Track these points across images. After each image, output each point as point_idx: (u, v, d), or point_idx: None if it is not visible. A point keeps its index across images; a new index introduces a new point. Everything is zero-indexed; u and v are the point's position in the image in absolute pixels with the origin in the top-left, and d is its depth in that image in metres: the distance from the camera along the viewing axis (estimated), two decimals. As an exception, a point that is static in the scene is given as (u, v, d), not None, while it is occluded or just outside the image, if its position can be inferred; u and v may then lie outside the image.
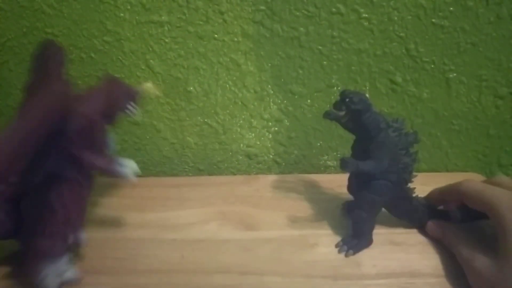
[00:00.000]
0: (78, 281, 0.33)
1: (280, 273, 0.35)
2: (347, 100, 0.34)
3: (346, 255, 0.37)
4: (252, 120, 0.51)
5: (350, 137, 0.52)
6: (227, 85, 0.49)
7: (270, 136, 0.52)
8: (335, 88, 0.49)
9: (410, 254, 0.37)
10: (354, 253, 0.37)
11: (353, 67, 0.48)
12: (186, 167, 0.55)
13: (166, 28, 0.46)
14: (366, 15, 0.45)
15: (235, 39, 0.47)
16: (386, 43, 0.46)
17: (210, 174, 0.55)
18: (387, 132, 0.35)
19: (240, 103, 0.50)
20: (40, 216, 0.32)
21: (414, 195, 0.38)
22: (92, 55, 0.48)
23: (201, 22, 0.46)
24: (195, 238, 0.39)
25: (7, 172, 0.27)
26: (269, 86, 0.49)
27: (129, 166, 0.33)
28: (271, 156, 0.54)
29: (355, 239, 0.38)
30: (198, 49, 0.47)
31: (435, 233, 0.38)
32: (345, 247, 0.37)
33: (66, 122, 0.31)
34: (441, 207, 0.40)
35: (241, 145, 0.53)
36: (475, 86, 0.48)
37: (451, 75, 0.48)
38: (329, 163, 0.54)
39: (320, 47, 0.47)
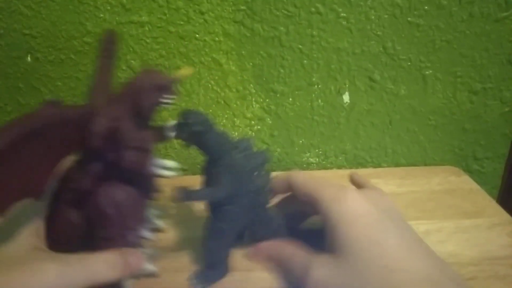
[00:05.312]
0: (155, 275, 0.34)
1: (268, 268, 0.35)
2: (189, 121, 0.31)
3: None
4: (235, 119, 0.52)
5: (332, 135, 0.53)
6: (209, 85, 0.50)
7: (253, 134, 0.53)
8: (316, 86, 0.50)
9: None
10: (208, 286, 0.33)
11: (332, 66, 0.49)
12: (170, 167, 0.55)
13: (146, 28, 0.46)
14: (344, 15, 0.46)
15: (216, 38, 0.47)
16: (364, 41, 0.47)
17: (194, 174, 0.55)
18: (232, 153, 0.32)
19: (222, 102, 0.51)
20: (97, 221, 0.32)
21: (273, 216, 0.36)
22: (72, 56, 0.48)
23: (182, 22, 0.46)
24: (182, 237, 0.40)
25: None
26: (251, 85, 0.50)
27: (165, 166, 0.32)
28: (254, 154, 0.54)
29: (207, 270, 0.34)
30: (179, 49, 0.47)
31: (261, 257, 0.34)
32: (195, 281, 0.34)
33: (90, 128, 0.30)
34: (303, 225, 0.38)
35: (224, 144, 0.53)
36: (450, 82, 0.50)
37: (427, 72, 0.49)
38: (311, 160, 0.55)
39: (300, 46, 0.48)
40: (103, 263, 0.29)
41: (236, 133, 0.52)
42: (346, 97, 0.50)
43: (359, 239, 0.27)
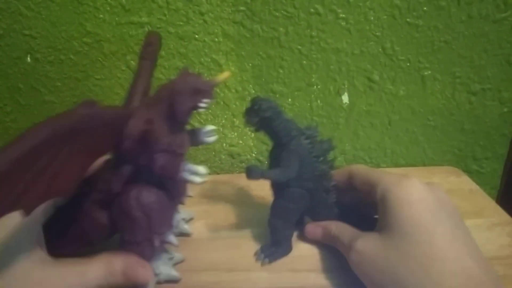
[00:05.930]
0: (177, 280, 0.34)
1: (266, 268, 0.35)
2: (256, 107, 0.33)
3: (261, 264, 0.36)
4: (234, 119, 0.52)
5: (331, 135, 0.53)
6: (209, 85, 0.50)
7: (252, 135, 0.53)
8: (315, 87, 0.50)
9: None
10: (270, 262, 0.36)
11: (331, 66, 0.49)
12: (169, 167, 0.55)
13: (146, 29, 0.46)
14: (343, 15, 0.46)
15: (216, 39, 0.47)
16: (363, 42, 0.47)
17: (193, 174, 0.55)
18: (299, 139, 0.34)
19: (222, 103, 0.51)
20: (124, 224, 0.32)
21: (334, 201, 0.38)
22: (72, 56, 0.48)
23: (181, 23, 0.46)
24: (181, 237, 0.40)
25: None
26: (251, 85, 0.50)
27: (196, 172, 0.31)
28: (253, 155, 0.54)
29: (272, 247, 0.37)
30: (179, 49, 0.48)
31: (313, 234, 0.37)
32: (262, 255, 0.36)
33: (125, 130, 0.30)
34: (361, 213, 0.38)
35: (224, 144, 0.53)
36: (449, 83, 0.50)
37: (426, 73, 0.49)
38: (310, 160, 0.55)
39: (299, 47, 0.48)
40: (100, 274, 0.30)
41: (235, 134, 0.52)
42: (345, 98, 0.50)
43: (410, 222, 0.28)
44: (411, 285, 0.26)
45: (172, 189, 0.33)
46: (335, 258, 0.36)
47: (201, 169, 0.31)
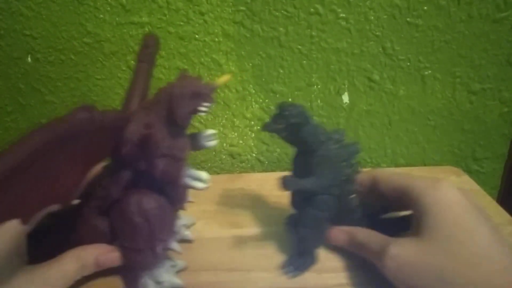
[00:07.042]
0: None
1: (266, 268, 0.35)
2: (286, 113, 0.32)
3: (292, 277, 0.35)
4: (235, 119, 0.52)
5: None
6: (209, 85, 0.50)
7: (253, 135, 0.53)
8: (315, 86, 0.50)
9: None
10: (298, 274, 0.35)
11: (332, 66, 0.49)
12: (170, 167, 0.55)
13: (146, 29, 0.47)
14: (344, 15, 0.46)
15: (216, 39, 0.47)
16: (363, 42, 0.47)
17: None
18: (328, 145, 0.34)
19: (222, 103, 0.51)
20: (124, 231, 0.31)
21: (357, 205, 0.37)
22: (72, 57, 0.48)
23: (181, 23, 0.46)
24: (181, 237, 0.40)
25: None
26: (251, 85, 0.50)
27: (199, 177, 0.31)
28: (254, 155, 0.54)
29: (301, 258, 0.35)
30: (179, 49, 0.48)
31: (337, 239, 0.36)
32: (291, 268, 0.35)
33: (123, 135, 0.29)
34: (383, 216, 0.38)
35: (224, 144, 0.53)
36: (449, 83, 0.50)
37: (426, 72, 0.49)
38: (310, 160, 0.55)
39: (299, 47, 0.48)
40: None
41: (236, 134, 0.53)
42: (345, 98, 0.50)
43: (452, 224, 0.29)
44: (461, 285, 0.26)
45: (173, 194, 0.32)
46: (335, 258, 0.36)
47: (204, 174, 0.31)
